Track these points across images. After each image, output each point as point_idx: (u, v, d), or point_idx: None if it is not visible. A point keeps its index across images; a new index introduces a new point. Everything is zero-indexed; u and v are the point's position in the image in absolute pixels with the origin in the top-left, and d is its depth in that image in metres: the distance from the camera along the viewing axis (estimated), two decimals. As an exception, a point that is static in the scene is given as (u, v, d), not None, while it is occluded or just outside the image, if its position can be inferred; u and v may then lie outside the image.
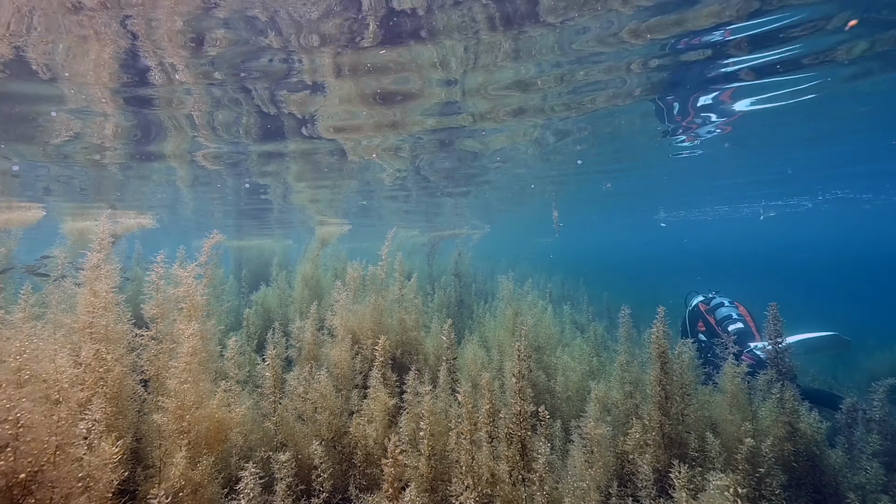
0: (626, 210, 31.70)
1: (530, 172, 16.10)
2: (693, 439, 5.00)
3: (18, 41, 5.68)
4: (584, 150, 12.82)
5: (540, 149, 12.72)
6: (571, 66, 7.61)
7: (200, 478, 3.47)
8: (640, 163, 15.43)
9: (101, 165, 10.75)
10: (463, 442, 3.84)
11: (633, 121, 10.79)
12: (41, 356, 3.20)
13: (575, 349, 7.89)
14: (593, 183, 18.97)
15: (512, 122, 10.29)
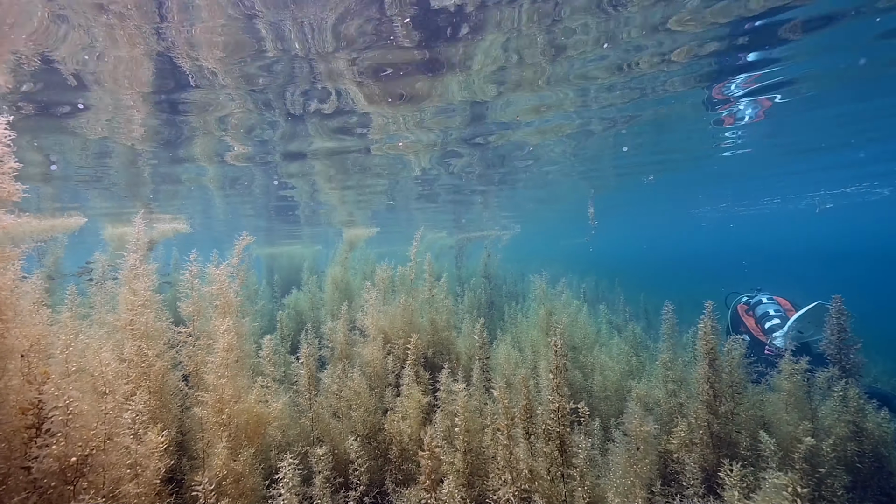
0: (666, 206, 30.63)
1: (562, 169, 15.87)
2: (744, 438, 4.77)
3: (48, 47, 6.07)
4: (625, 141, 12.44)
5: (575, 143, 12.51)
6: (620, 55, 7.45)
7: (242, 468, 3.59)
8: (685, 154, 14.88)
9: (135, 167, 11.34)
10: (500, 437, 3.81)
11: (680, 109, 10.41)
12: (87, 351, 3.40)
13: (613, 349, 7.71)
14: (632, 176, 18.35)
15: (549, 115, 10.18)
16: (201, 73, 6.98)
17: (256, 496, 3.69)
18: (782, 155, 16.29)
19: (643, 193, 23.42)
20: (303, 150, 11.20)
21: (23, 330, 2.85)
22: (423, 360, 7.17)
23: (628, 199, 24.88)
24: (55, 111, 7.75)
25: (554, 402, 4.21)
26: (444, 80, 7.94)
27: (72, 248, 10.92)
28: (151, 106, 7.98)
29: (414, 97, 8.65)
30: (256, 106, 8.36)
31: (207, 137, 9.60)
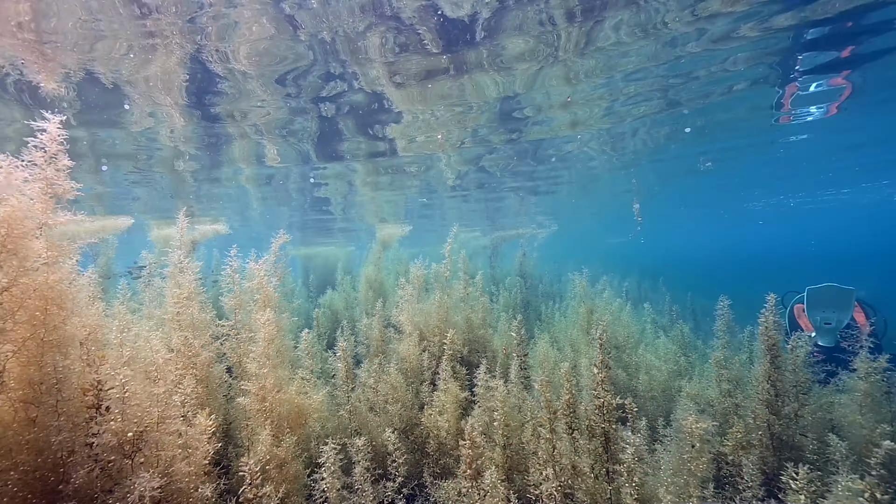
0: (717, 200, 29.11)
1: (600, 163, 15.49)
2: (810, 442, 4.47)
3: (91, 60, 6.51)
4: (686, 122, 11.84)
5: (614, 135, 12.17)
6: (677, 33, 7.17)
7: (285, 454, 3.71)
8: (742, 141, 14.08)
9: (175, 171, 11.97)
10: (542, 432, 3.75)
11: (741, 91, 9.89)
12: (138, 340, 3.61)
13: (660, 348, 7.46)
14: (684, 162, 17.41)
15: (584, 107, 9.98)
16: (232, 75, 7.30)
17: (299, 483, 3.81)
18: (854, 146, 15.22)
19: (690, 187, 22.41)
20: (336, 150, 11.47)
21: (81, 320, 3.06)
22: (459, 358, 7.17)
23: (674, 193, 23.90)
24: (101, 114, 8.29)
25: (599, 397, 4.11)
26: (474, 78, 7.97)
27: (121, 249, 11.65)
28: (188, 110, 8.40)
29: (444, 96, 8.72)
30: (289, 107, 8.64)
31: (244, 140, 10.00)
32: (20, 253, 2.69)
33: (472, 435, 3.33)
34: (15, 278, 2.67)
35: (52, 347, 2.78)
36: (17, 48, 5.78)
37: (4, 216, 2.61)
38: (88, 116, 8.42)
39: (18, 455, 2.57)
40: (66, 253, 3.09)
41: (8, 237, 2.62)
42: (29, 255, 2.73)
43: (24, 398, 2.64)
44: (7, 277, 2.64)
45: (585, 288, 9.32)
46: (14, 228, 2.66)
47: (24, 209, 2.76)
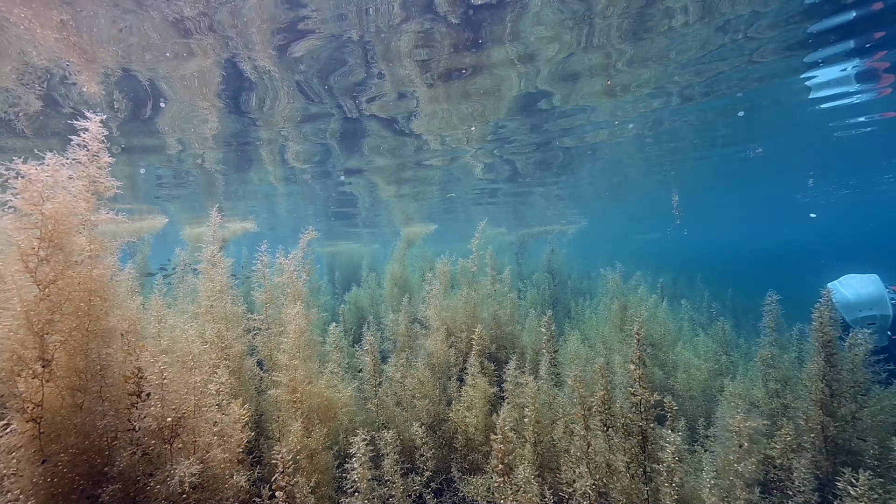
0: (761, 192, 27.77)
1: (637, 156, 15.11)
2: (870, 446, 4.24)
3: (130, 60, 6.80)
4: (738, 105, 11.36)
5: (651, 123, 11.83)
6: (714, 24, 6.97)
7: (315, 445, 3.80)
8: (786, 127, 13.44)
9: (205, 170, 12.38)
10: (576, 428, 3.69)
11: (782, 79, 9.48)
12: (174, 331, 3.75)
13: (699, 346, 7.23)
14: (724, 154, 16.75)
15: (622, 97, 9.76)
16: (259, 75, 7.49)
17: (329, 474, 3.89)
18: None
19: (733, 178, 21.47)
20: (361, 146, 11.60)
21: (122, 312, 3.21)
22: (487, 355, 7.16)
23: (714, 185, 22.98)
24: (140, 113, 8.64)
25: (636, 394, 4.02)
26: (501, 72, 7.91)
27: (156, 247, 12.17)
28: (221, 111, 8.67)
29: (471, 92, 8.69)
30: (314, 105, 8.79)
31: (271, 135, 10.23)
32: (65, 247, 2.83)
33: (504, 429, 3.31)
34: (61, 272, 2.82)
35: (95, 337, 2.93)
36: (60, 47, 6.08)
37: (51, 212, 2.76)
38: (128, 124, 8.82)
39: (67, 439, 2.72)
40: (107, 248, 3.23)
41: (54, 232, 2.77)
42: (73, 250, 2.87)
43: (70, 385, 2.79)
44: (54, 271, 2.79)
45: (618, 284, 9.13)
46: (60, 224, 2.80)
47: (69, 206, 2.91)
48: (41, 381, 2.64)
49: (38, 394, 2.64)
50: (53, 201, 2.81)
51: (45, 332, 2.71)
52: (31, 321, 2.67)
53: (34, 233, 2.74)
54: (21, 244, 2.69)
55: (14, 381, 2.57)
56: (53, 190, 2.82)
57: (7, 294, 2.67)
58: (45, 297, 2.72)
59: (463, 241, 9.76)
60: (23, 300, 2.68)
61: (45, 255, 2.75)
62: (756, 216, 45.82)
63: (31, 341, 2.65)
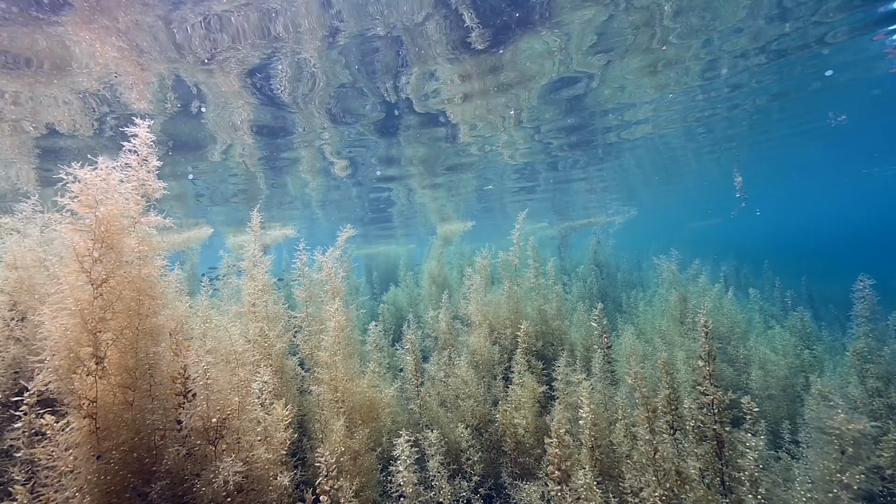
0: (836, 168, 25.47)
1: (682, 138, 14.32)
2: None
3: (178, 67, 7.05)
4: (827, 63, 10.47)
5: (704, 100, 11.14)
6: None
7: (358, 446, 3.74)
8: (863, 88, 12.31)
9: (249, 174, 12.79)
10: (640, 432, 3.44)
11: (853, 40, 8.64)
12: (219, 331, 3.79)
13: (776, 339, 6.68)
14: (792, 126, 15.48)
15: (669, 75, 9.23)
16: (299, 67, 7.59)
17: (373, 477, 3.82)
18: None
19: (802, 153, 19.81)
20: (395, 141, 11.58)
21: (170, 311, 3.27)
22: (534, 352, 6.92)
23: (780, 163, 21.37)
24: (187, 113, 8.99)
25: (706, 393, 3.70)
26: (538, 59, 7.65)
27: (203, 254, 12.79)
28: (255, 106, 8.90)
29: (505, 78, 8.46)
30: (349, 100, 8.83)
31: (308, 128, 10.39)
32: (116, 248, 2.94)
33: (560, 432, 3.11)
34: (112, 271, 2.93)
35: (145, 335, 3.02)
36: (116, 57, 6.38)
37: (104, 215, 2.87)
38: (174, 128, 9.23)
39: (119, 436, 2.81)
40: (155, 248, 3.34)
41: (106, 233, 2.88)
42: (124, 250, 2.98)
43: (121, 383, 2.88)
44: (106, 270, 2.89)
45: (676, 274, 8.63)
46: (112, 225, 2.92)
47: (121, 208, 3.03)
48: (95, 378, 2.73)
49: (93, 390, 2.73)
50: (107, 204, 2.93)
51: (98, 329, 2.81)
52: (86, 319, 2.77)
53: (88, 234, 2.86)
54: (77, 245, 2.81)
55: (70, 378, 2.67)
56: (107, 193, 2.94)
57: (63, 294, 2.78)
58: (99, 296, 2.83)
59: (500, 238, 9.56)
60: (78, 299, 2.79)
61: (99, 256, 2.86)
62: (830, 194, 42.51)
63: (85, 339, 2.76)
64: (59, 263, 2.89)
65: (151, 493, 2.80)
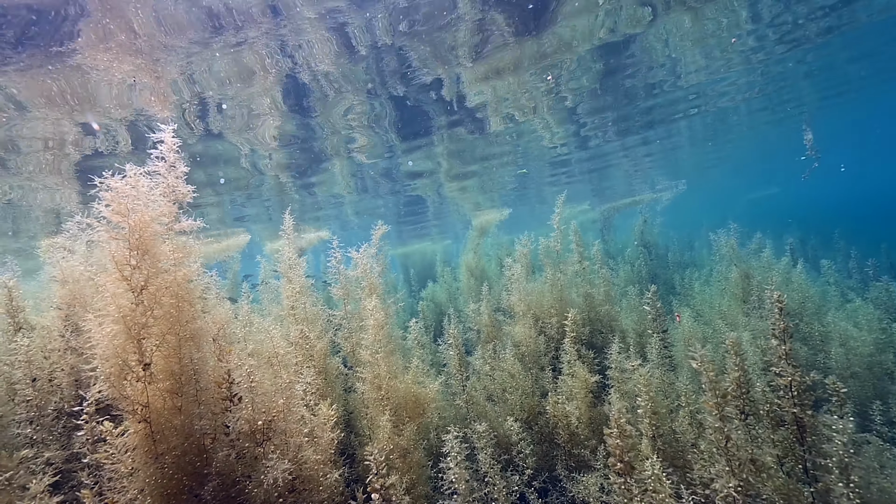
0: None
1: (737, 99, 13.48)
2: None
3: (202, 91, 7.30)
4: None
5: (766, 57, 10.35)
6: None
7: (406, 443, 3.74)
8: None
9: (280, 184, 13.13)
10: (707, 419, 3.23)
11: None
12: (260, 332, 3.86)
13: (858, 314, 6.19)
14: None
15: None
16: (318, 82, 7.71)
17: (423, 473, 3.82)
18: None
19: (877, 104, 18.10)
20: (422, 132, 11.52)
21: (212, 316, 3.35)
22: (582, 341, 6.73)
23: (853, 119, 19.65)
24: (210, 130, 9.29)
25: (783, 374, 3.44)
26: (571, 21, 7.34)
27: (243, 261, 13.32)
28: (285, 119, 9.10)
29: (535, 54, 8.20)
30: (371, 96, 8.85)
31: (333, 129, 10.52)
32: (151, 254, 3.03)
33: (620, 422, 2.96)
34: (149, 278, 3.02)
35: (186, 341, 3.11)
36: (134, 63, 6.65)
37: (137, 222, 2.97)
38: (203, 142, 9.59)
39: (171, 440, 2.92)
40: (190, 253, 3.40)
41: (140, 240, 2.98)
42: (159, 257, 3.07)
43: (169, 389, 2.98)
44: (143, 277, 2.99)
45: (735, 249, 8.16)
46: (145, 232, 3.01)
47: (152, 214, 3.12)
48: (144, 384, 2.85)
49: (143, 395, 2.85)
50: (139, 211, 3.02)
51: (141, 336, 2.91)
52: (129, 326, 2.88)
53: (124, 243, 2.96)
54: (115, 254, 2.92)
55: (122, 385, 2.80)
56: (137, 200, 3.03)
57: (106, 301, 2.90)
58: (140, 303, 2.93)
59: (539, 225, 9.33)
60: (120, 306, 2.91)
61: (136, 263, 2.96)
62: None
63: (130, 346, 2.87)
64: (101, 273, 2.99)
65: (204, 495, 2.89)
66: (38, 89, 6.54)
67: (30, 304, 4.37)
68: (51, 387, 3.79)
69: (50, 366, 3.85)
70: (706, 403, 3.33)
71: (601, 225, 19.52)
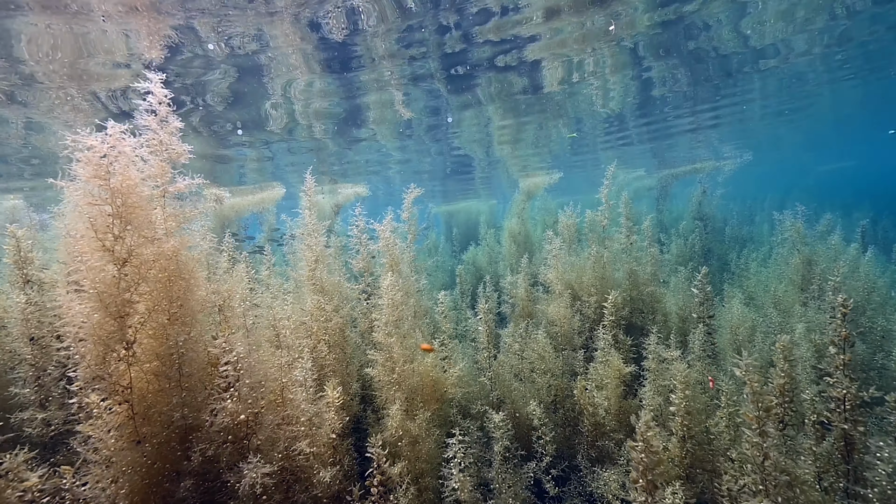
0: None
1: (818, 64, 11.79)
2: None
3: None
4: None
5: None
6: None
7: (418, 431, 3.60)
8: None
9: (315, 139, 12.94)
10: (748, 434, 2.88)
11: None
12: (272, 305, 3.66)
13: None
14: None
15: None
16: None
17: (433, 463, 3.67)
18: None
19: None
20: (469, 85, 10.87)
21: (215, 286, 3.15)
22: (622, 324, 6.33)
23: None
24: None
25: (840, 386, 3.00)
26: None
27: (279, 216, 13.47)
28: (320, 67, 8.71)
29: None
30: (414, 45, 8.30)
31: (378, 91, 10.11)
32: (136, 223, 2.71)
33: (647, 434, 2.66)
34: (132, 249, 2.69)
35: (175, 320, 2.86)
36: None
37: (119, 186, 2.62)
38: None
39: (154, 425, 2.71)
40: (186, 219, 3.02)
41: (124, 206, 2.65)
42: (143, 225, 2.75)
43: (155, 370, 2.77)
44: (125, 249, 2.65)
45: (801, 232, 7.30)
46: (129, 197, 2.67)
47: (139, 177, 2.76)
48: (127, 365, 2.64)
49: (126, 377, 2.64)
50: (118, 174, 2.65)
51: (123, 313, 2.66)
52: (109, 302, 2.63)
53: (105, 209, 2.64)
54: (95, 222, 2.60)
55: (103, 366, 2.59)
56: (117, 161, 2.67)
57: (83, 274, 2.61)
58: (124, 277, 2.67)
59: (594, 189, 8.70)
60: (100, 279, 2.61)
61: (119, 232, 2.66)
62: None
63: (111, 324, 2.62)
64: (80, 239, 2.64)
65: (180, 491, 2.74)
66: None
67: (45, 257, 4.04)
68: (58, 345, 3.47)
69: (54, 323, 3.53)
70: (746, 415, 2.97)
71: (657, 193, 18.34)
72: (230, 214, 10.95)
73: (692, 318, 5.98)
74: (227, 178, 16.98)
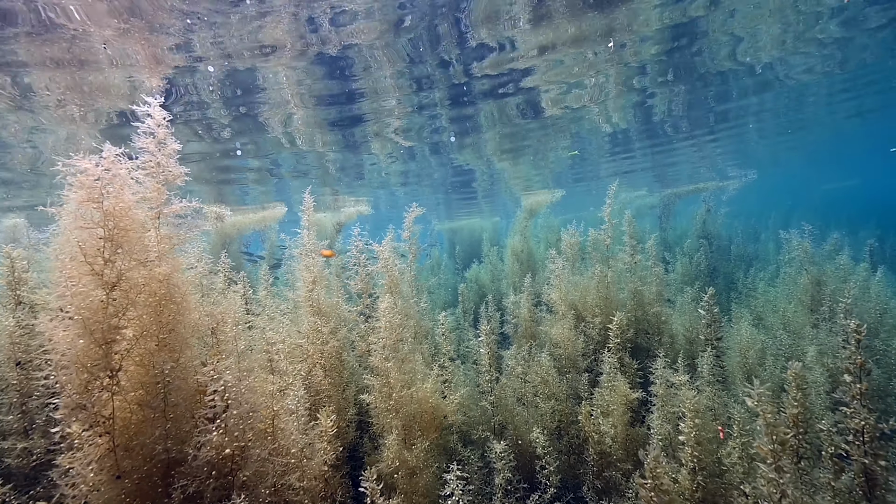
0: None
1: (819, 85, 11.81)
2: None
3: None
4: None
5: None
6: None
7: (415, 462, 3.43)
8: None
9: (319, 153, 12.98)
10: (763, 470, 2.72)
11: None
12: (258, 326, 3.52)
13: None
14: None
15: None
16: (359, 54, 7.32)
17: (431, 496, 3.49)
18: None
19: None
20: (467, 116, 10.95)
21: (208, 309, 3.05)
22: (627, 347, 6.17)
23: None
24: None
25: (857, 416, 2.85)
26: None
27: (280, 233, 13.45)
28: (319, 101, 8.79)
29: (592, 34, 7.37)
30: (415, 76, 8.38)
31: (377, 110, 10.16)
32: (126, 247, 2.65)
33: (657, 471, 2.49)
34: (121, 274, 2.61)
35: (163, 347, 2.77)
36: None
37: (112, 209, 2.57)
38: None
39: (136, 458, 2.58)
40: (179, 242, 2.95)
41: (116, 230, 2.59)
42: (136, 249, 2.68)
43: (139, 400, 2.64)
44: (115, 273, 2.57)
45: (808, 251, 7.16)
46: (121, 221, 2.62)
47: (132, 200, 2.70)
48: (110, 394, 2.53)
49: (108, 406, 2.54)
50: (112, 197, 2.60)
51: (110, 339, 2.57)
52: (95, 328, 2.55)
53: (96, 232, 2.59)
54: (84, 246, 2.54)
55: (87, 393, 2.47)
56: (112, 184, 2.63)
57: (73, 298, 2.53)
58: (112, 302, 2.59)
59: (596, 205, 8.61)
60: (87, 305, 2.52)
61: (110, 256, 2.59)
62: None
63: (96, 351, 2.54)
64: (69, 261, 2.56)
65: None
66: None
67: (40, 278, 3.94)
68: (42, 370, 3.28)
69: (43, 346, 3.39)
70: (760, 448, 2.81)
71: (660, 211, 18.24)
72: (231, 232, 10.92)
73: (700, 339, 5.81)
74: (232, 199, 17.06)
